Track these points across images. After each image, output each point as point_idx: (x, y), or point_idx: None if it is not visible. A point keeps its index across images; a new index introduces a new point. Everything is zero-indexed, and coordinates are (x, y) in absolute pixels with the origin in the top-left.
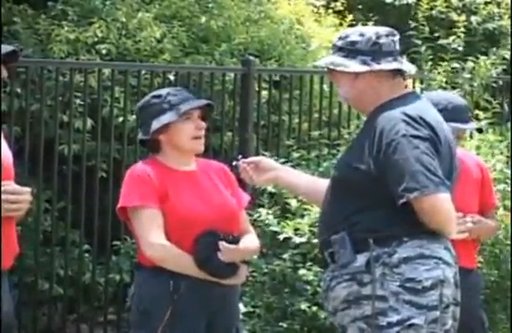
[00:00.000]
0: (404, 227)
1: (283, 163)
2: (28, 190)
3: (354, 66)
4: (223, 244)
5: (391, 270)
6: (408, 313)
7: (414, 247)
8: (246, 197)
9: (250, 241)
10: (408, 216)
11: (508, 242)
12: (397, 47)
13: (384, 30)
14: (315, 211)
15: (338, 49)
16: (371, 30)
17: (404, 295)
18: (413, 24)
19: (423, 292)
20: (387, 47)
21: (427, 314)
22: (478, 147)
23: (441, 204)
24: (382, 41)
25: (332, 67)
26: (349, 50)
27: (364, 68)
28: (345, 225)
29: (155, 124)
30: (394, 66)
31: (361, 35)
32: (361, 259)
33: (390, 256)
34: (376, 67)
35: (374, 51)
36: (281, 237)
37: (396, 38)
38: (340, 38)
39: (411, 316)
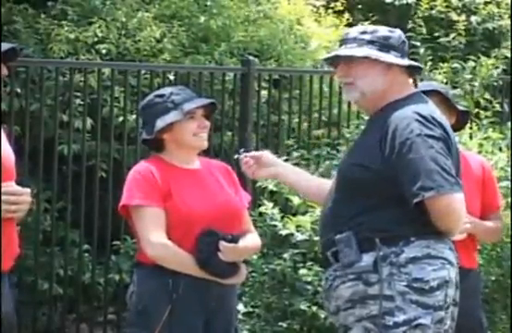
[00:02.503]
0: (412, 227)
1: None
2: (28, 191)
3: (392, 58)
4: (222, 244)
5: (398, 270)
6: (414, 313)
7: (421, 247)
8: (247, 197)
9: (251, 240)
10: (415, 216)
11: (508, 240)
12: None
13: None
14: (319, 209)
15: (368, 42)
16: (394, 28)
17: (411, 295)
18: (411, 25)
19: (430, 292)
20: (406, 47)
21: (433, 315)
22: (480, 145)
23: (455, 204)
24: (405, 40)
25: (374, 57)
26: (383, 44)
27: (403, 62)
28: (350, 224)
29: (159, 123)
30: (414, 63)
31: (391, 31)
32: (367, 258)
33: (397, 256)
34: (406, 62)
35: (402, 48)
36: (283, 232)
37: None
38: (365, 32)
39: (418, 316)
